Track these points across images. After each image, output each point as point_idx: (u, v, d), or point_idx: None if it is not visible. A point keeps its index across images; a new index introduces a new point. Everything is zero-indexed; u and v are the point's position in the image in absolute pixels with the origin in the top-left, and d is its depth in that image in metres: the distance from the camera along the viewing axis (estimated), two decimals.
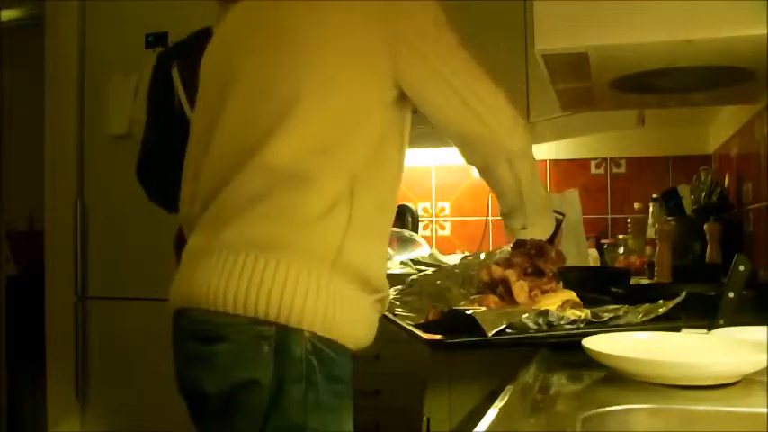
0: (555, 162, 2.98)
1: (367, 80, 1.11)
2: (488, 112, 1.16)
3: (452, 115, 1.17)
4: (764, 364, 0.84)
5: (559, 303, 1.24)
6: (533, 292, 1.27)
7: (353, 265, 1.07)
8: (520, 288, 1.25)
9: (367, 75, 1.11)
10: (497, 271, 1.29)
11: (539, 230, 1.35)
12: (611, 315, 1.17)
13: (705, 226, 2.09)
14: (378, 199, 1.14)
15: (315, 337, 1.03)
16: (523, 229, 1.33)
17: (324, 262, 1.05)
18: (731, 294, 1.08)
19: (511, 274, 1.27)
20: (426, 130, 1.25)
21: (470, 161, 1.27)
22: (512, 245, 1.37)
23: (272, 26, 1.14)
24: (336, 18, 1.10)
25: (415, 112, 1.20)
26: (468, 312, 1.14)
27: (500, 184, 1.26)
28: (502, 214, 1.36)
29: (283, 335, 1.02)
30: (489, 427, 0.70)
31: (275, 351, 1.02)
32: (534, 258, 1.32)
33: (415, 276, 1.69)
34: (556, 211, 1.44)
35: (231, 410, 1.05)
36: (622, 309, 1.19)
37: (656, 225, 2.25)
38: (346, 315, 1.06)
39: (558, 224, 1.43)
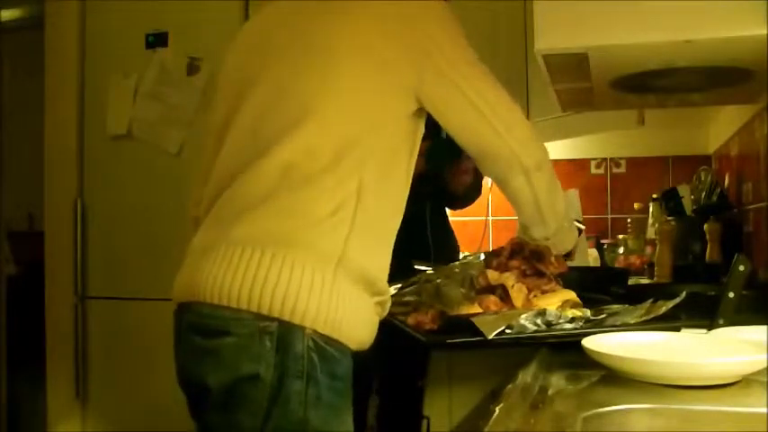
0: (555, 162, 2.95)
1: (389, 94, 1.13)
2: (505, 127, 1.19)
3: (471, 130, 1.19)
4: (764, 364, 0.84)
5: (559, 303, 1.24)
6: (533, 293, 1.26)
7: (358, 266, 1.08)
8: (518, 291, 1.25)
9: (389, 89, 1.13)
10: (494, 276, 1.28)
11: (560, 243, 1.36)
12: (610, 314, 1.17)
13: (705, 226, 2.09)
14: (385, 204, 1.15)
15: (317, 334, 1.04)
16: (546, 240, 1.34)
17: (329, 261, 1.06)
18: (731, 294, 1.08)
19: (507, 278, 1.27)
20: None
21: (487, 173, 1.30)
22: (508, 250, 1.37)
23: (298, 33, 1.16)
24: (363, 32, 1.13)
25: None
26: (466, 318, 1.14)
27: (517, 197, 1.27)
28: (521, 225, 1.36)
29: (285, 331, 1.03)
30: (489, 427, 0.70)
31: (276, 347, 1.02)
32: (533, 261, 1.32)
33: (414, 276, 1.69)
34: (576, 221, 1.45)
35: (233, 404, 1.05)
36: (622, 308, 1.19)
37: (656, 225, 2.25)
38: (349, 315, 1.07)
39: (579, 233, 1.45)
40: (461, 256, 2.18)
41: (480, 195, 2.16)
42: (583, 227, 1.48)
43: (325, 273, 1.05)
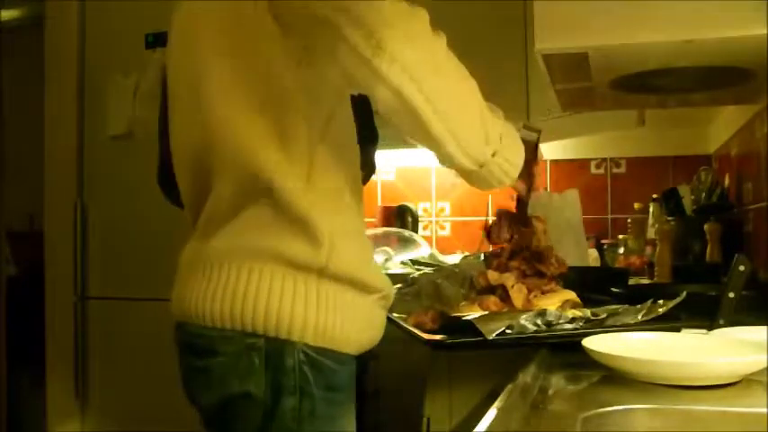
0: (555, 162, 2.98)
1: (294, 61, 1.00)
2: (424, 89, 0.92)
3: (360, 84, 0.97)
4: (764, 364, 0.84)
5: (559, 304, 1.24)
6: (533, 293, 1.27)
7: (343, 269, 1.03)
8: (518, 292, 1.25)
9: (292, 55, 1.00)
10: (494, 276, 1.28)
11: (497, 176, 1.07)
12: (610, 314, 1.17)
13: (705, 226, 2.09)
14: (353, 190, 1.09)
15: (308, 347, 1.00)
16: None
17: (310, 269, 1.01)
18: (731, 294, 1.08)
19: (507, 279, 1.27)
20: None
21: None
22: (508, 251, 1.36)
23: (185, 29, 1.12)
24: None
25: None
26: (466, 318, 1.14)
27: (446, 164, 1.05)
28: None
29: (273, 346, 1.00)
30: (489, 427, 0.69)
31: (266, 363, 1.00)
32: (533, 262, 1.32)
33: (414, 276, 1.70)
34: (528, 128, 1.20)
35: (227, 423, 1.04)
36: (622, 308, 1.19)
37: (656, 225, 2.25)
38: (342, 321, 1.03)
39: (534, 145, 1.21)
40: (461, 255, 2.18)
41: (375, 171, 2.01)
42: (536, 134, 1.20)
43: (307, 282, 1.01)
